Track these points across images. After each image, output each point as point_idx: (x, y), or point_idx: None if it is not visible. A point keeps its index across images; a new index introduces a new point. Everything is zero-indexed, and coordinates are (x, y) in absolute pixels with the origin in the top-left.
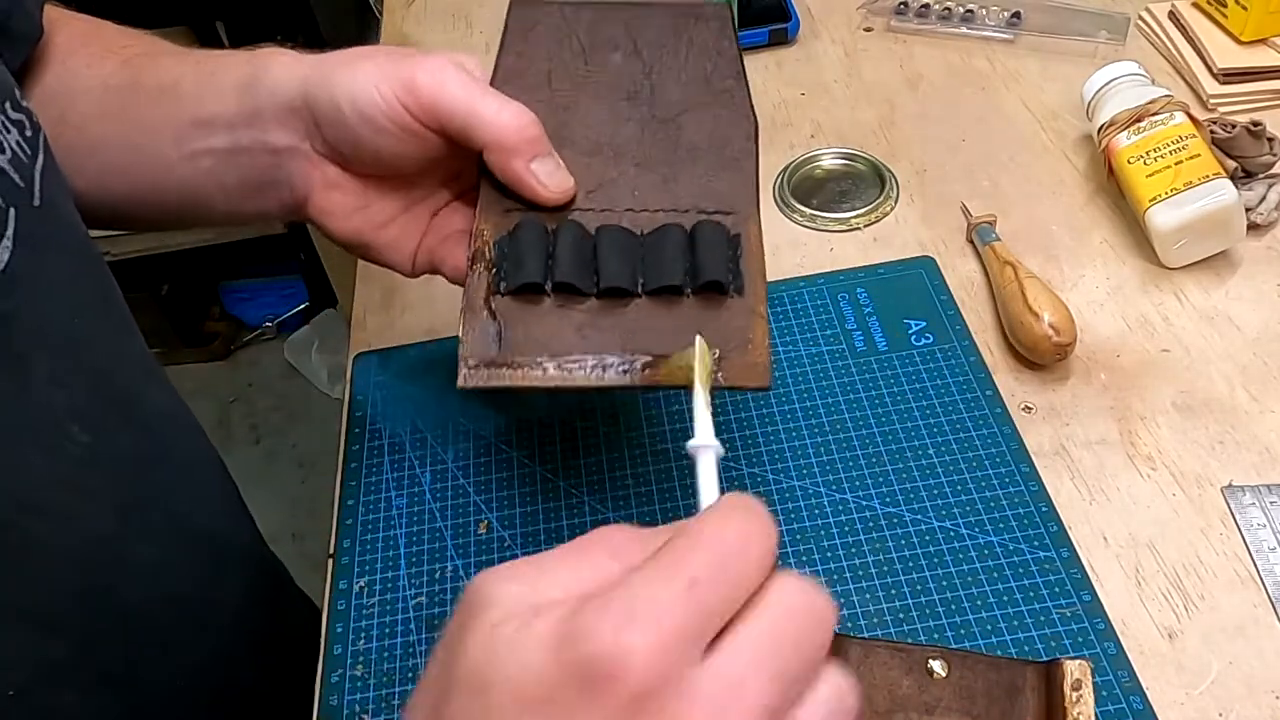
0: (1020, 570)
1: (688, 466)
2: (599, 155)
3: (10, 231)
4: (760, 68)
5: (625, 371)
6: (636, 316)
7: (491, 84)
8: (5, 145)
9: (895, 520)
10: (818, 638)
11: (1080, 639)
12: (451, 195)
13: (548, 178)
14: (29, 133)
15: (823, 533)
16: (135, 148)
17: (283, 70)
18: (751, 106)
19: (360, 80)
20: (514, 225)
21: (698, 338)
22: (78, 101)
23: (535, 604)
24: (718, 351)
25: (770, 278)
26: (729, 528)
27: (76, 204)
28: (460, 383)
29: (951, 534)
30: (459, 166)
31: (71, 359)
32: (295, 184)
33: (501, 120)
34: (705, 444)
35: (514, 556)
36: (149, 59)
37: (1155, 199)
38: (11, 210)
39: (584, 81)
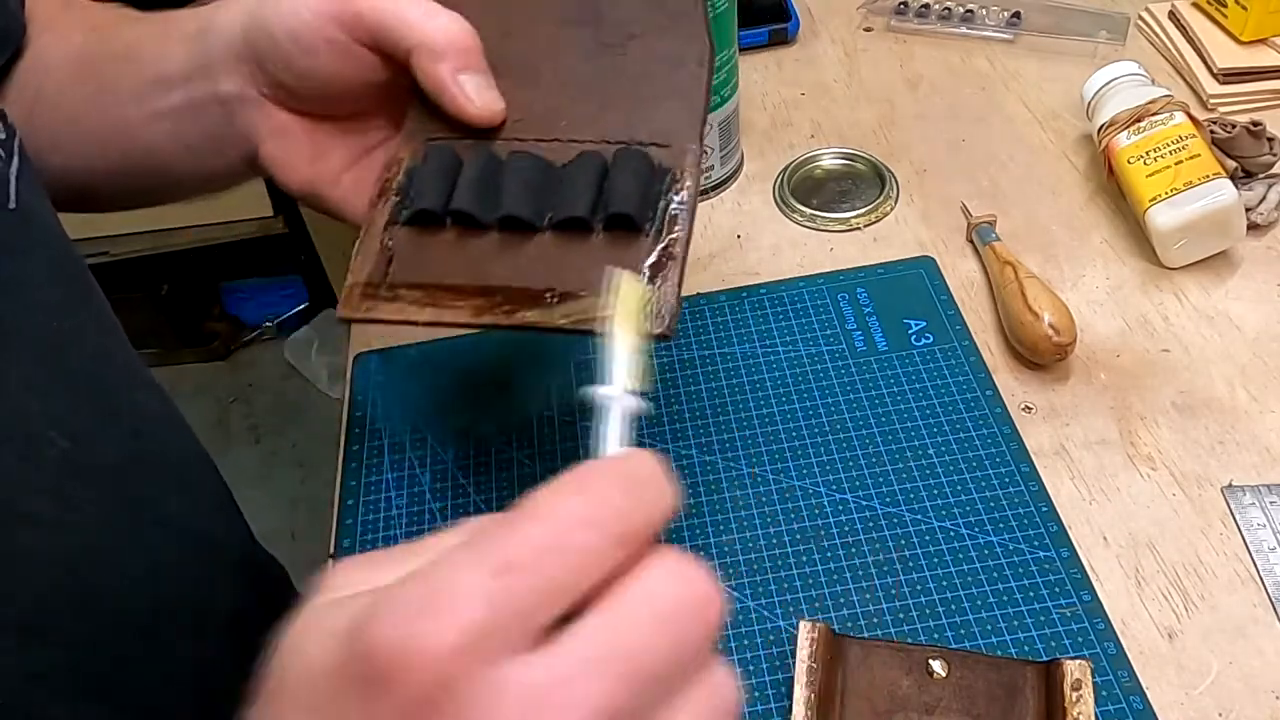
0: (1020, 570)
1: (687, 466)
2: (535, 83)
3: None
4: (760, 68)
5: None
6: (538, 253)
7: None
8: None
9: (895, 520)
10: (692, 631)
11: (1080, 639)
12: (375, 143)
13: (475, 93)
14: (3, 136)
15: (823, 533)
16: (103, 113)
17: (226, 15)
18: (709, 30)
19: (291, 2)
20: (424, 154)
21: (619, 272)
22: (52, 74)
23: (355, 591)
24: (651, 289)
25: (770, 278)
26: (569, 500)
27: (61, 187)
28: (339, 313)
29: (951, 534)
30: (387, 102)
31: (49, 364)
32: (248, 133)
33: (431, 24)
34: (613, 394)
35: None
36: (114, 26)
37: (1155, 199)
38: None
39: (527, 3)
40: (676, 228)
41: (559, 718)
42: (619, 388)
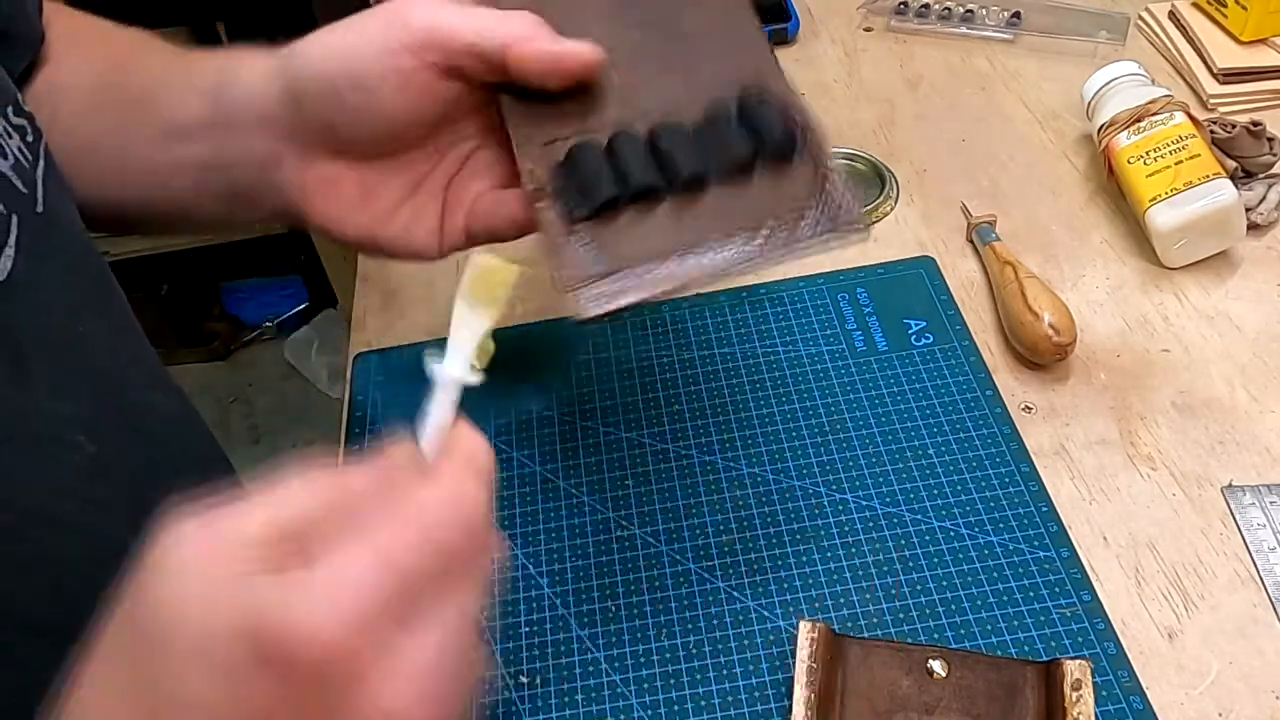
0: (1020, 570)
1: (687, 466)
2: (610, 68)
3: (13, 239)
4: None
5: (745, 246)
6: (716, 204)
7: None
8: (7, 151)
9: (895, 520)
10: (458, 539)
11: (1080, 639)
12: (459, 162)
13: (576, 45)
14: (30, 138)
15: (823, 533)
16: (123, 153)
17: (251, 73)
18: None
19: (349, 41)
20: (566, 153)
21: (476, 254)
22: (69, 100)
23: (229, 560)
24: (516, 269)
25: (770, 278)
26: (438, 495)
27: (79, 208)
28: (581, 315)
29: (951, 534)
30: (461, 127)
31: (75, 367)
32: (287, 192)
33: (510, 24)
34: (451, 371)
35: (514, 556)
36: (133, 59)
37: (1155, 199)
38: (14, 217)
39: (569, 4)
40: (820, 143)
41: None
42: (458, 364)
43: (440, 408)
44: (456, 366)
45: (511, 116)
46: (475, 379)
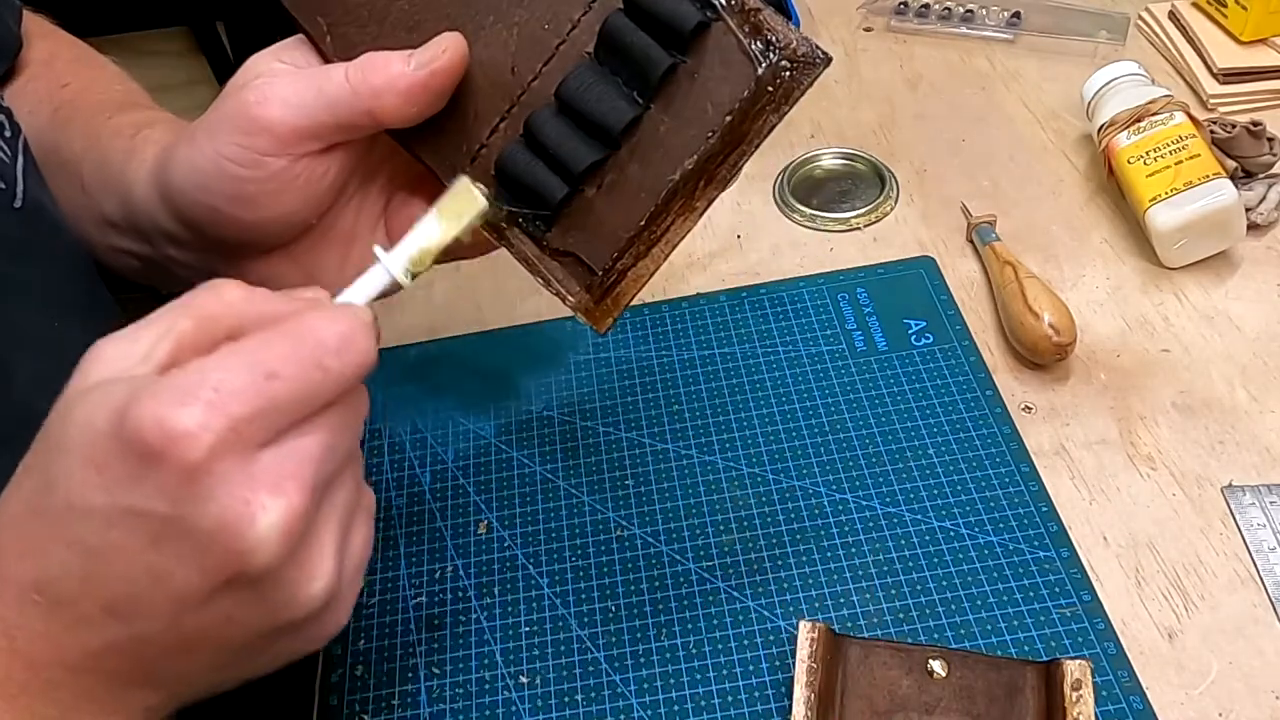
0: (1020, 570)
1: (687, 466)
2: (485, 29)
3: None
4: None
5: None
6: (671, 125)
7: (328, 37)
8: None
9: (895, 520)
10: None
11: (1080, 639)
12: (385, 194)
13: (429, 50)
14: (9, 133)
15: (823, 533)
16: (71, 216)
17: (144, 187)
18: None
19: (209, 157)
20: (495, 167)
21: (463, 177)
22: (30, 133)
23: (126, 368)
24: (481, 191)
25: (770, 278)
26: (326, 326)
27: None
28: (602, 330)
29: (951, 534)
30: (374, 168)
31: (57, 363)
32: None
33: (362, 80)
34: (391, 263)
35: (514, 556)
36: (69, 121)
37: (1155, 199)
38: None
39: None
40: None
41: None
42: (398, 259)
43: (362, 285)
44: (396, 260)
45: (421, 148)
46: (404, 280)
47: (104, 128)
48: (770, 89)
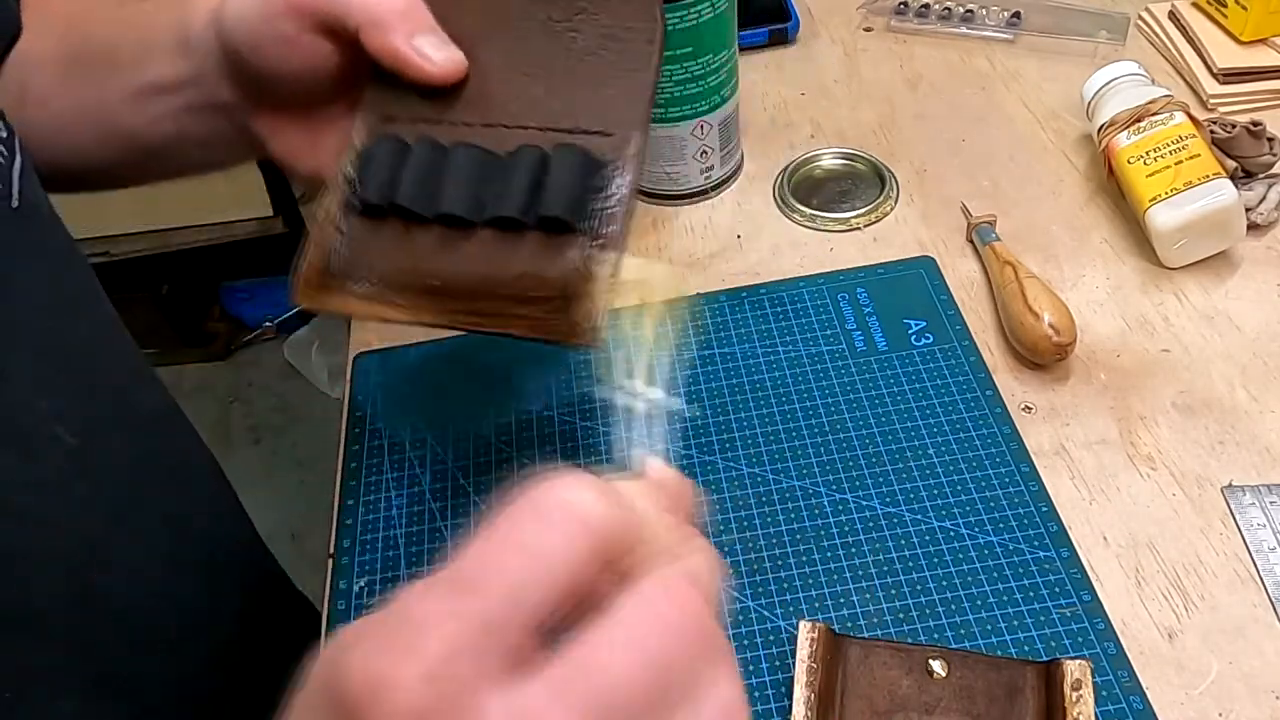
0: (1020, 570)
1: (687, 466)
2: (486, 58)
3: None
4: (760, 68)
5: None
6: (478, 250)
7: None
8: None
9: (895, 520)
10: (676, 652)
11: (1080, 639)
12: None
13: (434, 50)
14: (3, 134)
15: (823, 533)
16: (97, 121)
17: (200, 24)
18: (661, 7)
19: (245, 6)
20: (375, 139)
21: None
22: (37, 71)
23: None
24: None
25: (770, 278)
26: (527, 512)
27: (56, 174)
28: (291, 298)
29: (951, 534)
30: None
31: (55, 362)
32: (251, 132)
33: (379, 3)
34: (640, 393)
35: None
36: (85, 24)
37: (1155, 199)
38: None
39: None
40: (610, 226)
41: None
42: (641, 385)
43: (642, 437)
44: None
45: (370, 80)
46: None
47: (137, 10)
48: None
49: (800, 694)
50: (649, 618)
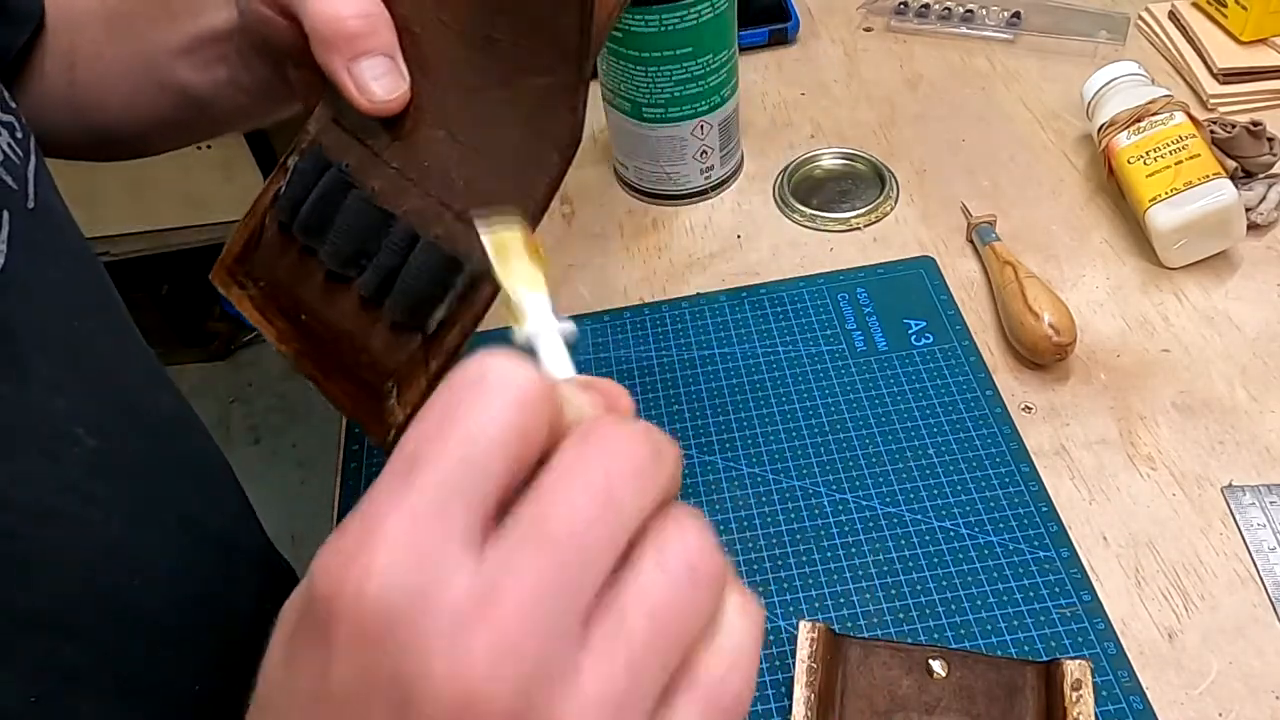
0: (1020, 570)
1: (687, 466)
2: (427, 100)
3: (4, 235)
4: (760, 68)
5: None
6: (350, 307)
7: None
8: None
9: (895, 520)
10: (630, 486)
11: (1080, 639)
12: None
13: (373, 80)
14: (19, 134)
15: (823, 533)
16: (150, 69)
17: None
18: (580, 116)
19: None
20: (308, 154)
21: (486, 224)
22: (84, 32)
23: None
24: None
25: (770, 278)
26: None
27: (109, 139)
28: (211, 275)
29: (951, 534)
30: None
31: (72, 363)
32: (293, 82)
33: (322, 8)
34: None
35: None
36: None
37: (1155, 199)
38: (5, 213)
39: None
40: (449, 337)
41: (493, 627)
42: (541, 321)
43: (554, 354)
44: (542, 321)
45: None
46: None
47: None
48: None
49: (800, 694)
50: (592, 455)
